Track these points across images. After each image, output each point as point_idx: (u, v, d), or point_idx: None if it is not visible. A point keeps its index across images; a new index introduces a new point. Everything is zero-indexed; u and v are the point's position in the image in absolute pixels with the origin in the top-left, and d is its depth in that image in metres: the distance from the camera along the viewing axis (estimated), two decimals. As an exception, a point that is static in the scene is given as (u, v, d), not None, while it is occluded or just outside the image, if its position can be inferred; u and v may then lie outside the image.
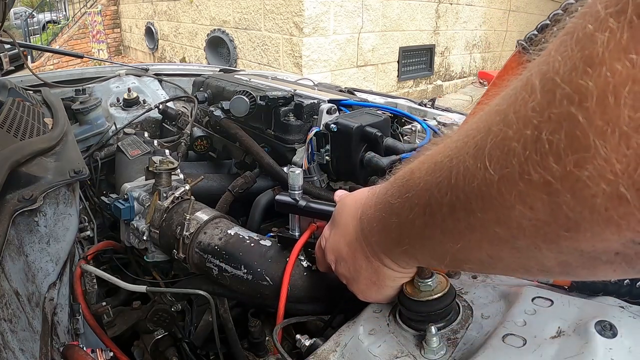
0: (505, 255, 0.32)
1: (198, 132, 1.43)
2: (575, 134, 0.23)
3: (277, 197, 0.73)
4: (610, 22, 0.22)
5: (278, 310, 0.68)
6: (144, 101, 1.68)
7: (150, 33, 8.45)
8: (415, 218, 0.38)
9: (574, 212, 0.25)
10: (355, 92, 1.58)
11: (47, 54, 8.22)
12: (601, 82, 0.22)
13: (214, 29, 6.50)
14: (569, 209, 0.25)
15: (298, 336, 0.64)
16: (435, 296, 0.50)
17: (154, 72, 1.94)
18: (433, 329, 0.48)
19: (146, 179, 1.00)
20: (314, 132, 0.99)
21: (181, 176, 1.03)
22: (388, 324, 0.54)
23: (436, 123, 1.38)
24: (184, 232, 0.84)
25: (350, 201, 0.53)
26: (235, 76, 1.48)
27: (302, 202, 0.70)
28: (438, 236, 0.37)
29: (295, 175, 0.70)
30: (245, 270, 0.76)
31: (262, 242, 0.80)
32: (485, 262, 0.35)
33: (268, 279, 0.75)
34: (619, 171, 0.22)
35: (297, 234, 0.73)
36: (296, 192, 0.71)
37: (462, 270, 0.52)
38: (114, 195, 1.01)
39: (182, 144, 1.37)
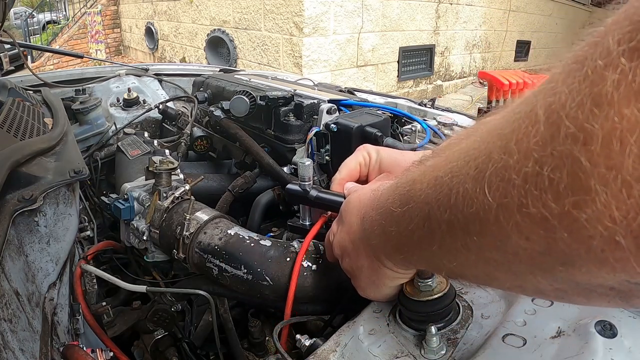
0: (501, 276, 0.33)
1: (198, 132, 1.43)
2: (577, 175, 0.23)
3: (288, 186, 0.73)
4: (622, 62, 0.21)
5: (287, 301, 0.68)
6: (144, 101, 1.68)
7: (150, 33, 8.45)
8: (415, 230, 0.38)
9: (570, 249, 0.25)
10: (355, 92, 1.58)
11: (47, 54, 8.22)
12: (608, 126, 0.21)
13: (214, 29, 6.50)
14: (565, 245, 0.25)
15: (298, 336, 0.64)
16: (435, 296, 0.50)
17: (154, 72, 1.94)
18: (433, 329, 0.48)
19: (146, 179, 1.00)
20: (314, 132, 0.99)
21: (181, 176, 1.03)
22: (388, 324, 0.54)
23: (436, 123, 1.38)
24: (184, 232, 0.84)
25: (355, 199, 0.54)
26: (235, 76, 1.48)
27: (313, 193, 0.70)
28: (436, 250, 0.37)
29: (305, 166, 0.70)
30: (245, 270, 0.76)
31: (262, 242, 0.80)
32: (481, 279, 0.36)
33: (268, 279, 0.75)
34: (617, 218, 0.22)
35: (307, 223, 0.73)
36: (306, 182, 0.71)
37: (460, 281, 0.53)
38: (114, 195, 1.01)
39: (182, 144, 1.37)
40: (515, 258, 0.29)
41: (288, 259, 0.77)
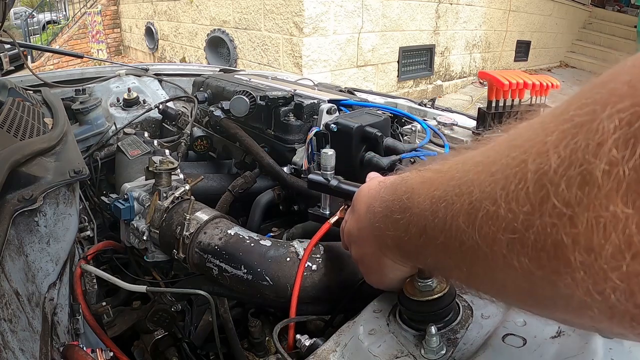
0: (494, 294, 0.35)
1: (198, 132, 1.43)
2: (560, 247, 0.24)
3: (310, 176, 0.74)
4: (613, 154, 0.21)
5: (292, 301, 0.69)
6: (144, 101, 1.68)
7: (150, 33, 8.45)
8: (412, 238, 0.39)
9: (551, 300, 0.27)
10: (355, 92, 1.58)
11: (47, 54, 8.22)
12: (593, 215, 0.22)
13: (214, 29, 6.50)
14: (545, 296, 0.27)
15: (298, 336, 0.64)
16: (435, 296, 0.50)
17: (154, 72, 1.94)
18: (433, 329, 0.48)
19: (146, 179, 1.00)
20: (314, 132, 0.99)
21: (181, 176, 1.03)
22: (388, 324, 0.54)
23: (436, 123, 1.38)
24: (184, 232, 0.84)
25: (365, 189, 0.55)
26: (235, 76, 1.48)
27: (334, 182, 0.71)
28: (431, 260, 0.39)
29: (328, 156, 0.72)
30: (245, 270, 0.76)
31: (262, 242, 0.80)
32: (475, 292, 0.38)
33: (268, 279, 0.75)
34: (593, 294, 0.23)
35: (327, 212, 0.74)
36: (328, 172, 0.72)
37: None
38: (114, 195, 1.01)
39: (182, 144, 1.37)
40: (504, 289, 0.31)
41: (288, 259, 0.77)
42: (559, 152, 0.24)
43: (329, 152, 0.72)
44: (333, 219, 0.71)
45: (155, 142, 1.34)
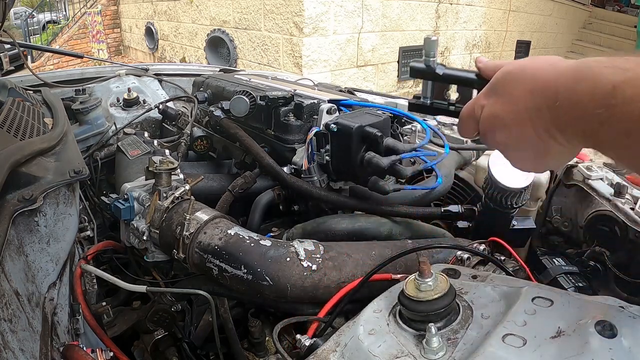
0: None
1: (198, 132, 1.43)
2: None
3: (412, 64, 0.69)
4: None
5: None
6: (144, 101, 1.68)
7: (150, 33, 8.44)
8: (611, 134, 0.40)
9: None
10: (355, 92, 1.58)
11: (47, 54, 8.21)
12: None
13: (214, 29, 6.50)
14: None
15: (298, 336, 0.64)
16: (435, 296, 0.50)
17: (154, 72, 1.94)
18: (433, 329, 0.48)
19: (146, 179, 1.00)
20: (314, 132, 0.99)
21: (181, 176, 1.03)
22: (388, 324, 0.54)
23: (436, 123, 1.38)
24: (184, 232, 0.84)
25: (518, 71, 0.53)
26: (235, 76, 1.48)
27: (440, 70, 0.67)
28: (626, 153, 0.40)
29: (431, 41, 0.66)
30: (245, 270, 0.76)
31: (262, 242, 0.80)
32: None
33: (268, 279, 0.75)
34: None
35: (428, 101, 0.70)
36: (431, 58, 0.67)
37: None
38: (114, 195, 1.01)
39: (182, 144, 1.37)
40: None
41: (288, 259, 0.77)
42: None
43: (432, 38, 0.66)
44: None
45: (155, 142, 1.34)
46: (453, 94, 0.68)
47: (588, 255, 1.02)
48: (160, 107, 1.52)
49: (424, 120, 1.20)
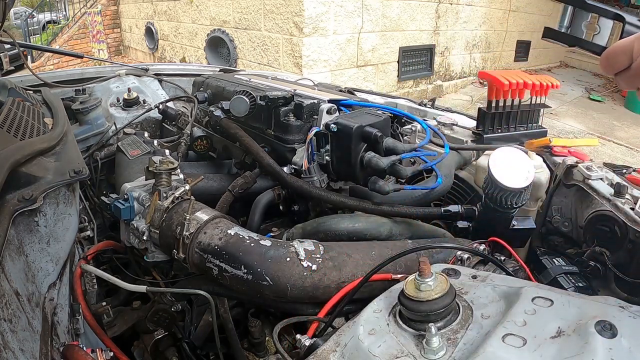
0: None
1: (198, 132, 1.43)
2: None
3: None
4: None
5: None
6: (144, 101, 1.68)
7: (150, 33, 8.44)
8: None
9: None
10: (355, 92, 1.58)
11: (47, 54, 8.21)
12: None
13: (214, 29, 6.50)
14: None
15: (298, 336, 0.64)
16: (435, 296, 0.50)
17: (154, 72, 1.94)
18: (433, 329, 0.48)
19: (146, 179, 1.00)
20: (314, 132, 0.99)
21: (181, 176, 1.03)
22: (388, 324, 0.54)
23: (436, 123, 1.38)
24: (184, 232, 0.84)
25: None
26: (235, 76, 1.48)
27: None
28: None
29: None
30: (245, 270, 0.76)
31: (262, 242, 0.80)
32: None
33: (268, 279, 0.75)
34: None
35: (568, 30, 0.68)
36: None
37: None
38: (114, 195, 1.01)
39: (182, 144, 1.37)
40: None
41: (288, 259, 0.77)
42: None
43: None
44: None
45: (155, 142, 1.34)
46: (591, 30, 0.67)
47: (588, 255, 1.02)
48: (160, 107, 1.52)
49: (424, 120, 1.20)
